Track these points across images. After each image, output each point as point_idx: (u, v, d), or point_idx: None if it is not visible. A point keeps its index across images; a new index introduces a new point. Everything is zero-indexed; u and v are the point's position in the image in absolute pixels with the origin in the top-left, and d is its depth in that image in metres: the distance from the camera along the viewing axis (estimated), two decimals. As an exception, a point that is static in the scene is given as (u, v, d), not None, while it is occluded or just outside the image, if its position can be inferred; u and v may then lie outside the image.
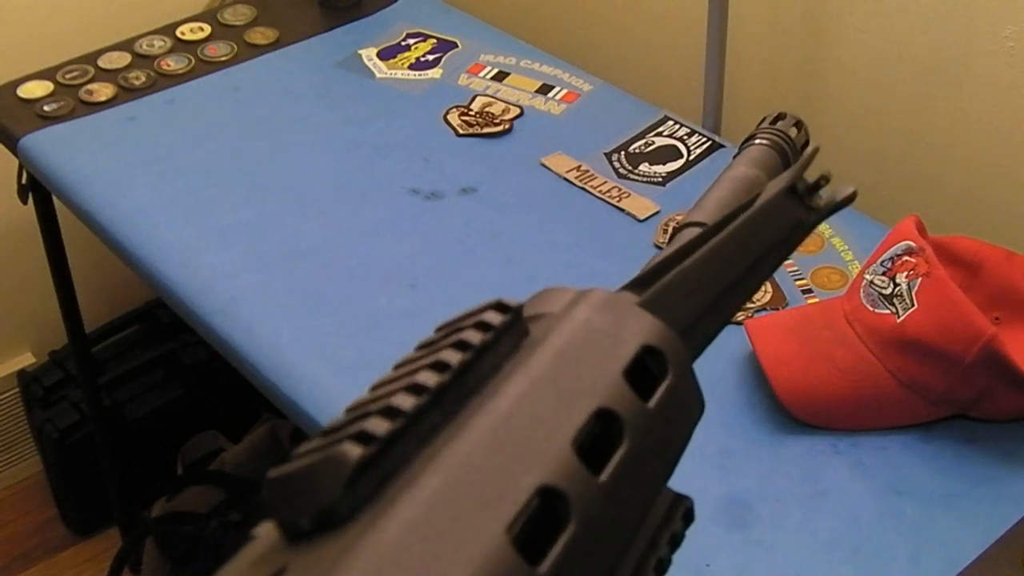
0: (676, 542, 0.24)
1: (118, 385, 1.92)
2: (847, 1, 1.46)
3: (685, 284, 0.26)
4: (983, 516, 0.99)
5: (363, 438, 0.19)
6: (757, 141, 0.33)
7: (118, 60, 1.67)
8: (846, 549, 0.96)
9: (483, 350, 0.22)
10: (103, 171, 1.46)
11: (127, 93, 1.60)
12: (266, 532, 0.20)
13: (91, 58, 1.67)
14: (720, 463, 1.04)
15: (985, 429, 1.06)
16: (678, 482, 0.92)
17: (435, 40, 1.71)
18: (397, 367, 0.22)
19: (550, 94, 1.58)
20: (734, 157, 0.32)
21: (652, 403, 0.24)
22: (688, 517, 0.24)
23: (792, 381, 1.07)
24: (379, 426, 0.19)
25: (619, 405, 0.22)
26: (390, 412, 0.20)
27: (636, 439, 0.22)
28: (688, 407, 0.26)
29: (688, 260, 0.25)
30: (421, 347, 0.22)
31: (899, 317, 1.04)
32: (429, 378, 0.21)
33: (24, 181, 1.59)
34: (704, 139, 1.48)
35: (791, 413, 1.07)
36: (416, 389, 0.20)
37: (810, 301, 1.22)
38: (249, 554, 0.19)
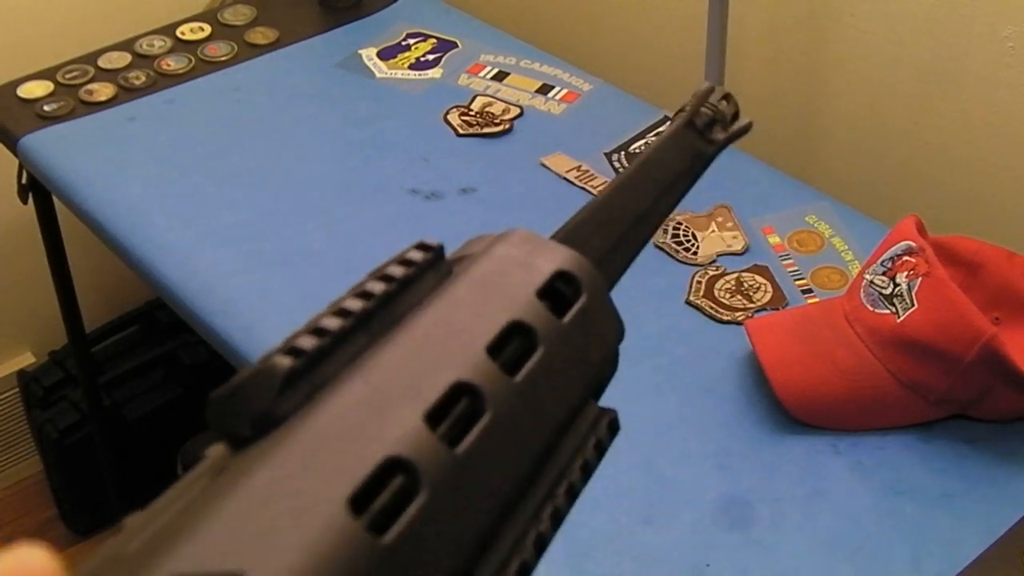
0: (601, 449, 0.26)
1: (118, 385, 1.92)
2: (847, 1, 1.46)
3: (597, 217, 0.28)
4: (983, 516, 0.99)
5: (292, 352, 0.22)
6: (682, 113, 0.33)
7: (118, 60, 1.67)
8: (846, 549, 0.96)
9: (406, 282, 0.25)
10: (103, 171, 1.46)
11: (127, 93, 1.60)
12: (215, 450, 0.22)
13: (91, 58, 1.67)
14: (720, 463, 1.04)
15: (985, 429, 1.06)
16: (677, 481, 0.92)
17: (435, 40, 1.71)
18: (331, 304, 0.24)
19: (550, 94, 1.58)
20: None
21: (566, 319, 0.25)
22: (613, 427, 0.26)
23: (792, 381, 1.07)
24: (307, 341, 0.22)
25: (532, 319, 0.24)
26: (317, 331, 0.23)
27: (550, 349, 0.24)
28: (605, 327, 0.26)
29: (599, 196, 0.28)
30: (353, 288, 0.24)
31: (899, 317, 1.04)
32: (354, 303, 0.24)
33: (24, 181, 1.59)
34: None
35: (791, 413, 1.07)
36: (342, 313, 0.23)
37: (810, 301, 1.22)
38: (200, 468, 0.21)
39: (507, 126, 1.52)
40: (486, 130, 1.51)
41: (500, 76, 1.62)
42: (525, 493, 0.23)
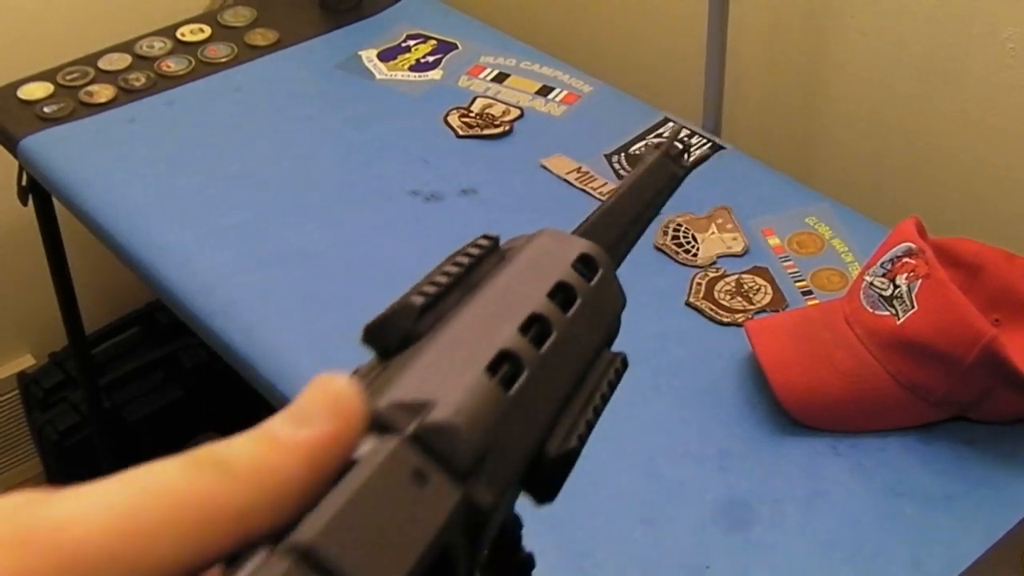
0: (618, 377, 0.36)
1: (118, 387, 1.92)
2: (847, 2, 1.46)
3: (604, 219, 0.40)
4: (983, 517, 0.99)
5: (421, 294, 0.32)
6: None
7: (118, 61, 1.67)
8: (846, 550, 0.96)
9: (480, 258, 0.35)
10: (103, 172, 1.46)
11: (127, 94, 1.60)
12: (367, 361, 0.31)
13: (91, 59, 1.67)
14: (720, 464, 1.04)
15: (985, 431, 1.06)
16: (677, 482, 0.92)
17: (435, 41, 1.71)
18: (427, 275, 0.34)
19: (550, 95, 1.58)
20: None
21: (592, 283, 0.36)
22: (624, 363, 0.36)
23: (792, 383, 1.07)
24: (428, 288, 0.32)
25: (572, 280, 0.35)
26: (432, 283, 0.33)
27: (584, 300, 0.35)
28: (614, 296, 0.37)
29: (604, 205, 0.40)
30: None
31: (899, 319, 1.04)
32: (449, 269, 0.34)
33: (24, 183, 1.59)
34: (704, 140, 1.48)
35: (791, 415, 1.07)
36: (443, 275, 0.33)
37: (810, 303, 1.22)
38: (361, 372, 0.31)
39: (507, 128, 1.52)
40: (486, 132, 1.51)
41: (500, 78, 1.62)
42: (575, 393, 0.33)
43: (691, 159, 0.44)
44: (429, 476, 0.25)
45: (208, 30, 1.74)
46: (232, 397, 1.84)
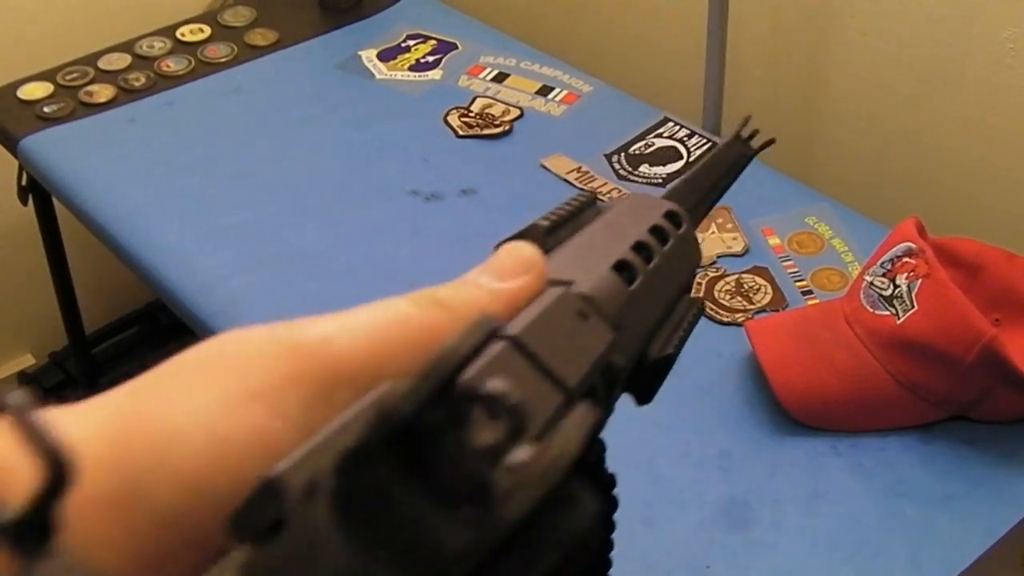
0: (697, 317, 0.40)
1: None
2: (847, 2, 1.47)
3: (685, 187, 0.45)
4: (983, 517, 0.99)
5: (547, 219, 0.37)
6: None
7: (118, 61, 1.67)
8: (846, 550, 0.96)
9: (583, 206, 0.39)
10: (103, 172, 1.46)
11: (127, 94, 1.60)
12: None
13: (91, 59, 1.67)
14: (720, 464, 1.04)
15: (985, 430, 1.06)
16: (677, 482, 0.91)
17: (435, 41, 1.71)
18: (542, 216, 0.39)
19: (550, 95, 1.58)
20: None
21: (680, 231, 0.41)
22: (702, 307, 0.45)
23: (792, 383, 1.06)
24: (551, 217, 0.37)
25: (664, 224, 0.40)
26: (553, 215, 0.38)
27: (675, 241, 0.40)
28: (693, 250, 0.42)
29: (685, 176, 0.46)
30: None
31: (899, 319, 1.04)
32: (559, 211, 0.38)
33: (24, 183, 1.59)
34: (704, 140, 1.48)
35: (791, 415, 1.07)
36: (560, 212, 0.38)
37: (810, 302, 1.22)
38: None
39: (507, 127, 1.52)
40: (486, 131, 1.51)
41: (500, 77, 1.62)
42: (666, 318, 0.38)
43: (757, 144, 0.52)
44: (589, 316, 0.32)
45: (208, 30, 1.74)
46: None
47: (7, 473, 0.25)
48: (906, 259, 1.07)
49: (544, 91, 1.59)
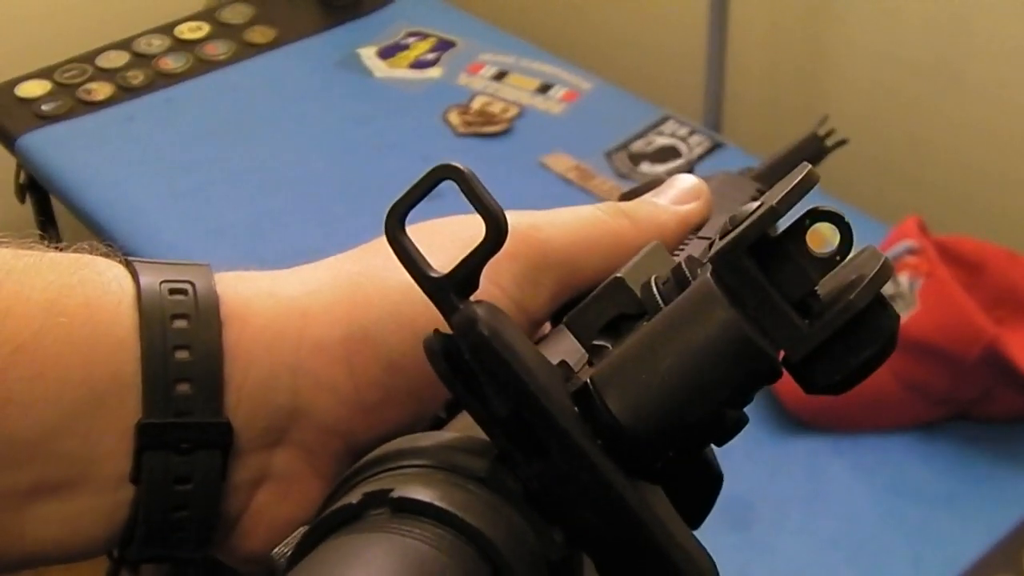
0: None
1: (116, 385, 1.92)
2: (847, 3, 1.46)
3: (768, 171, 0.49)
4: (984, 516, 0.99)
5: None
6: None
7: (116, 59, 1.66)
8: (847, 549, 0.96)
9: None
10: (101, 171, 1.45)
11: (125, 92, 1.60)
12: None
13: (89, 57, 1.66)
14: (720, 463, 1.04)
15: (986, 430, 1.06)
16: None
17: (435, 39, 1.71)
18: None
19: (550, 93, 1.58)
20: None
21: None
22: None
23: (792, 382, 1.06)
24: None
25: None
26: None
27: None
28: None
29: (768, 161, 0.51)
30: None
31: (901, 318, 1.04)
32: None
33: (22, 181, 1.59)
34: (704, 138, 1.48)
35: (792, 414, 1.06)
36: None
37: (811, 301, 1.22)
38: None
39: (506, 125, 1.51)
40: (485, 129, 1.51)
41: (500, 75, 1.62)
42: None
43: (831, 143, 0.56)
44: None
45: (207, 28, 1.73)
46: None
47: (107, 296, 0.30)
48: (908, 258, 1.07)
49: (544, 89, 1.59)
